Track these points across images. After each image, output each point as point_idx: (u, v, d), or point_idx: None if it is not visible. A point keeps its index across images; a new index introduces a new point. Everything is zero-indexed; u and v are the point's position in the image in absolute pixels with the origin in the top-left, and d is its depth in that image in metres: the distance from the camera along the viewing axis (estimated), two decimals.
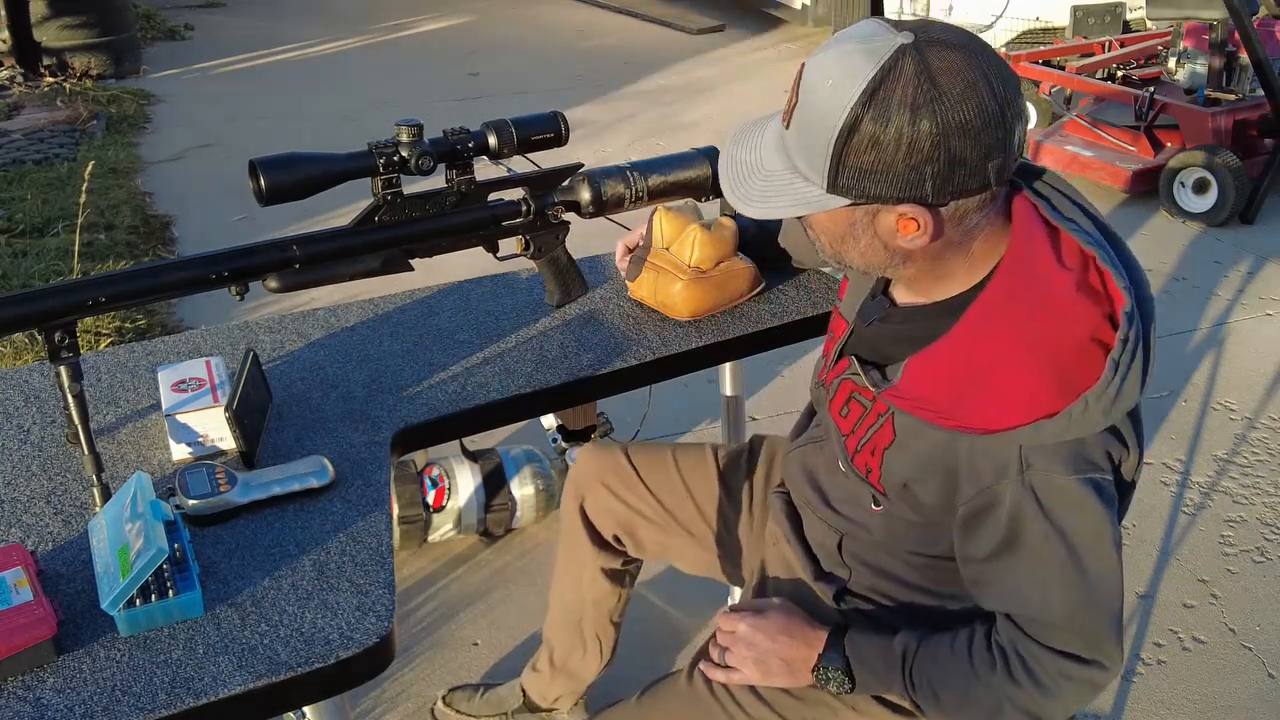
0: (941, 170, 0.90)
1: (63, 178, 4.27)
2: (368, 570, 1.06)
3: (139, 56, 6.21)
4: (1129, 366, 0.94)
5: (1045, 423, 0.94)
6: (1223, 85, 4.24)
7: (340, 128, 5.19)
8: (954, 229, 0.96)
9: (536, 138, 1.31)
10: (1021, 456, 0.96)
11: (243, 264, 1.18)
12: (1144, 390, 0.97)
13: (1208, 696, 1.96)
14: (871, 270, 1.04)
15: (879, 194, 0.92)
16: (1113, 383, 0.93)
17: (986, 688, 1.04)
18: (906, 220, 0.94)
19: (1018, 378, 0.95)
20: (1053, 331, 0.95)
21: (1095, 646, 1.01)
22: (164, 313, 3.26)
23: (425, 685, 1.94)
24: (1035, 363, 0.95)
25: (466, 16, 7.82)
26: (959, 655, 1.06)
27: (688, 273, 1.52)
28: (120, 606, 0.97)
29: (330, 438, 1.27)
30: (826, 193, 0.94)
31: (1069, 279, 0.96)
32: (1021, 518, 0.98)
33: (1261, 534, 2.38)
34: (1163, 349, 3.20)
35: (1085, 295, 0.95)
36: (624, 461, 1.52)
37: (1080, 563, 0.98)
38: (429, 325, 1.54)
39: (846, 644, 1.12)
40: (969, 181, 0.91)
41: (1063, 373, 0.94)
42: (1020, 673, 1.02)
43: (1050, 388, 0.94)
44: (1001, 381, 0.96)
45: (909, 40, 0.89)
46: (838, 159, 0.92)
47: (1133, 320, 0.94)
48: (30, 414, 1.33)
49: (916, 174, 0.90)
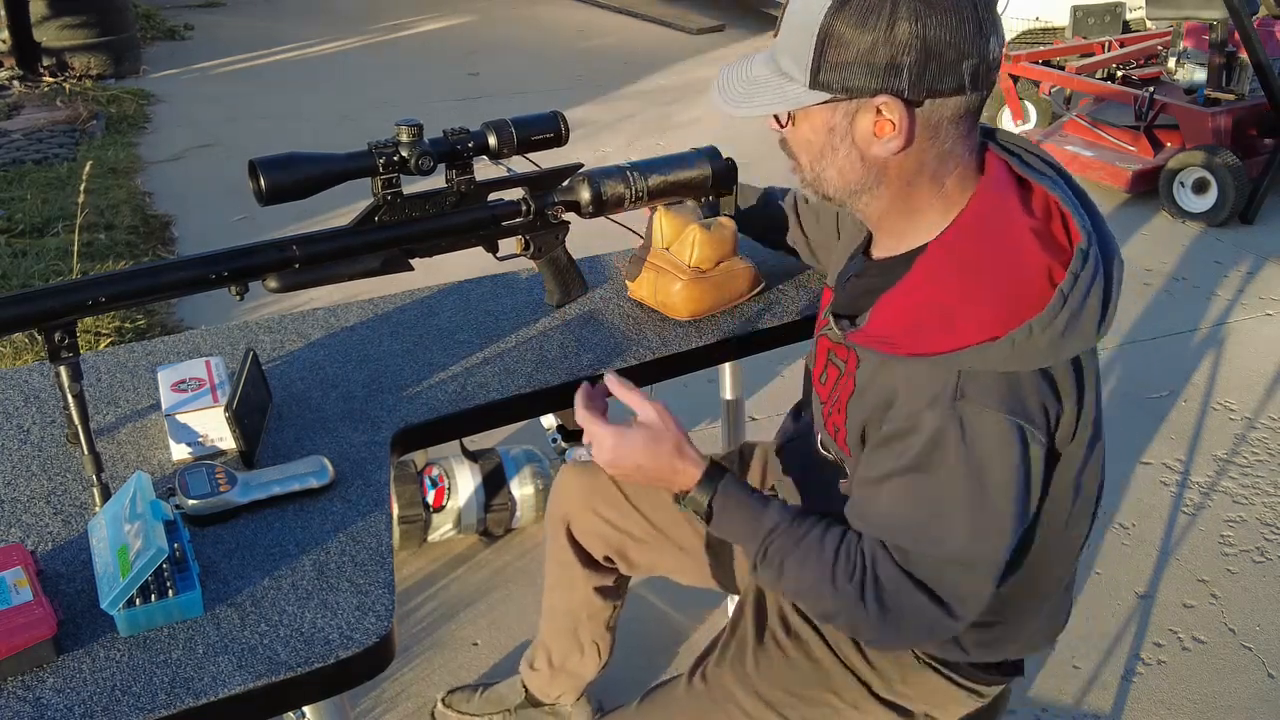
0: (917, 62, 0.92)
1: (62, 178, 4.27)
2: (368, 570, 1.06)
3: (139, 56, 6.21)
4: (1081, 303, 0.95)
5: (990, 346, 0.94)
6: (1222, 85, 4.24)
7: (340, 128, 5.19)
8: (925, 139, 0.98)
9: (536, 138, 1.30)
10: (958, 385, 0.96)
11: (242, 264, 1.18)
12: (1101, 332, 0.97)
13: (1208, 696, 1.96)
14: (850, 195, 1.04)
15: (858, 86, 0.95)
16: (1060, 314, 0.94)
17: (834, 593, 1.04)
18: (883, 121, 0.96)
19: (969, 305, 0.96)
20: (1009, 267, 0.97)
21: (958, 595, 1.00)
22: (164, 313, 3.26)
23: (425, 685, 1.94)
24: (987, 292, 0.96)
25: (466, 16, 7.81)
26: (824, 555, 1.05)
27: (687, 273, 1.52)
28: (120, 606, 0.97)
29: (330, 438, 1.27)
30: (808, 88, 0.97)
31: (1032, 224, 0.98)
32: (940, 446, 0.97)
33: (1261, 534, 2.38)
34: (1163, 349, 3.20)
35: (1045, 240, 0.97)
36: (608, 482, 1.51)
37: (982, 505, 0.97)
38: (429, 325, 1.54)
39: (716, 499, 1.10)
40: (943, 78, 0.93)
41: (1014, 303, 0.95)
42: (871, 594, 1.01)
43: (999, 314, 0.95)
44: (954, 310, 0.97)
45: None
46: (820, 50, 0.95)
47: (1087, 258, 0.96)
48: (30, 414, 1.33)
49: (893, 65, 0.92)
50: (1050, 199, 1.00)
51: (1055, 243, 0.97)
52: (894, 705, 1.19)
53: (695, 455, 1.12)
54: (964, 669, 1.18)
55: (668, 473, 1.11)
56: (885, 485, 1.01)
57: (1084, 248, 0.96)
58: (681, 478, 1.11)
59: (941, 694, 1.19)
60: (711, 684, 1.25)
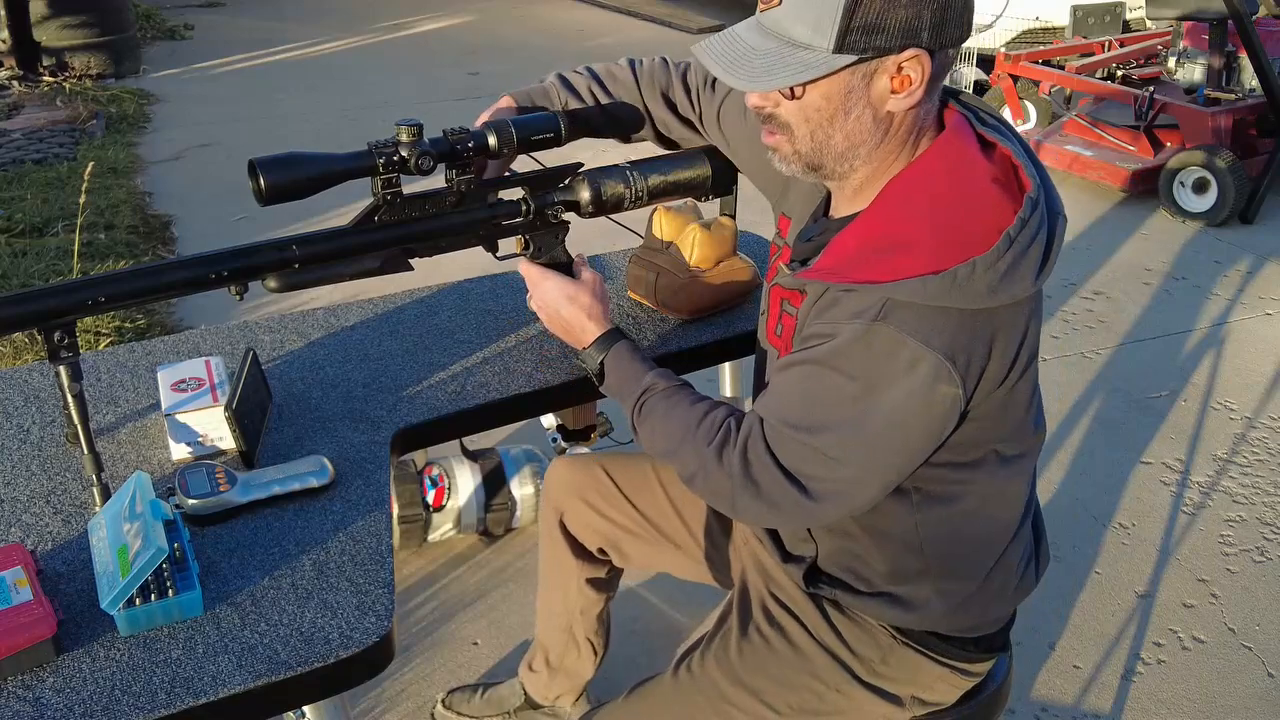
0: (938, 11, 0.95)
1: (62, 177, 4.27)
2: (367, 570, 1.06)
3: (139, 56, 6.21)
4: (1025, 249, 0.96)
5: (931, 278, 0.95)
6: (1222, 85, 4.24)
7: (340, 128, 5.19)
8: (930, 92, 1.00)
9: (536, 137, 1.30)
10: (883, 308, 0.97)
11: (243, 264, 1.18)
12: (1038, 280, 0.98)
13: (1208, 696, 1.96)
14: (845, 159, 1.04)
15: (884, 45, 0.96)
16: (1004, 257, 0.95)
17: (694, 453, 1.10)
18: (902, 77, 0.98)
19: (916, 239, 0.98)
20: (963, 208, 0.98)
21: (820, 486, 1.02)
22: (164, 313, 3.26)
23: (425, 685, 1.94)
24: (937, 228, 0.98)
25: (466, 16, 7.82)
26: (690, 415, 1.13)
27: (687, 272, 1.52)
28: (120, 606, 0.97)
29: (330, 437, 1.27)
30: (832, 54, 0.96)
31: (988, 170, 1.00)
32: (846, 352, 0.98)
33: (1261, 534, 2.38)
34: (1163, 349, 3.20)
35: (999, 187, 0.99)
36: (602, 476, 1.51)
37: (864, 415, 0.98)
38: (429, 325, 1.54)
39: (609, 358, 1.24)
40: (953, 29, 0.97)
41: (962, 241, 0.96)
42: (735, 461, 1.06)
43: (946, 250, 0.96)
44: (901, 242, 0.98)
45: None
46: (850, 13, 0.94)
47: (1036, 205, 0.97)
48: (30, 414, 1.33)
49: (918, 18, 0.94)
50: (1005, 152, 1.02)
51: (1008, 193, 0.99)
52: (879, 690, 1.19)
53: (601, 319, 1.27)
54: (941, 645, 1.18)
55: (576, 329, 1.27)
56: (784, 372, 1.05)
57: (1033, 197, 0.98)
58: (585, 335, 1.27)
59: (925, 673, 1.19)
60: (696, 675, 1.25)
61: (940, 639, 1.18)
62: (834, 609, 1.19)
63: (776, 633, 1.22)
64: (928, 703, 1.22)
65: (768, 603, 1.25)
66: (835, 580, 1.18)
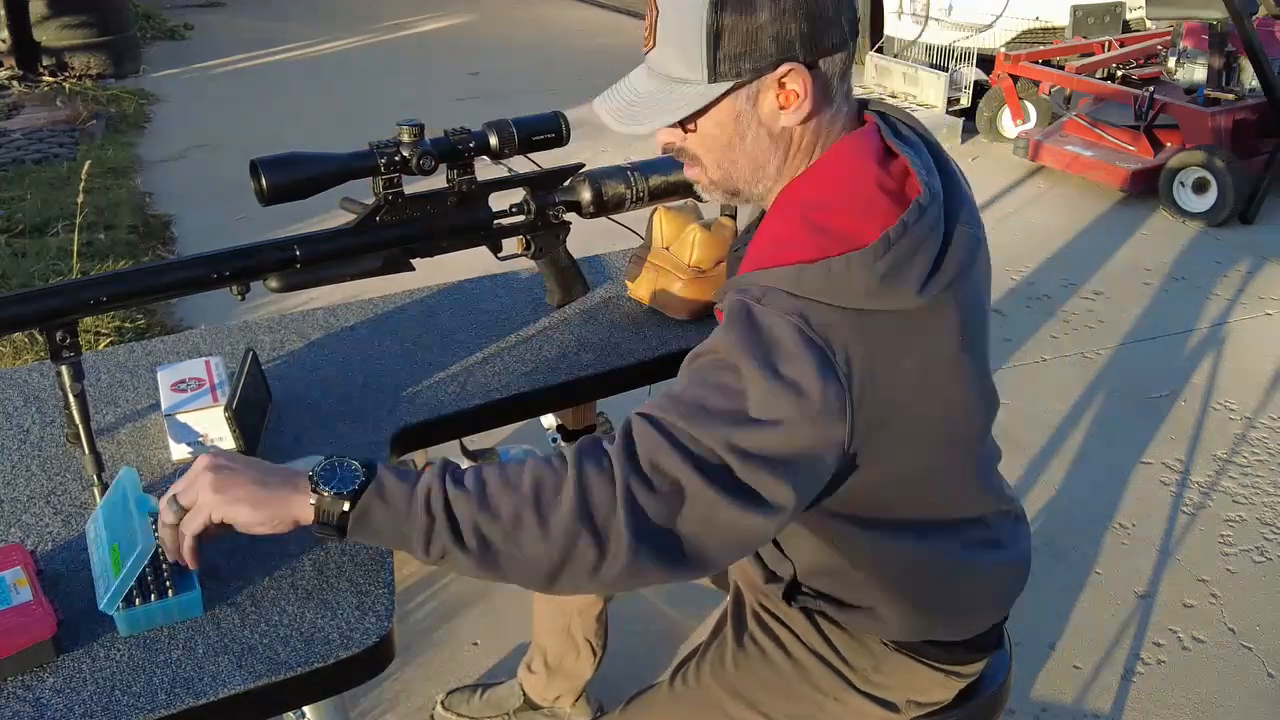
0: (806, 22, 0.94)
1: (62, 177, 4.27)
2: (367, 570, 1.06)
3: (138, 56, 6.21)
4: (909, 254, 0.92)
5: (807, 267, 0.92)
6: (1222, 85, 4.24)
7: (340, 128, 5.19)
8: (824, 101, 0.98)
9: (538, 138, 1.30)
10: (761, 290, 0.94)
11: (244, 264, 1.18)
12: (924, 290, 0.93)
13: (1208, 696, 1.96)
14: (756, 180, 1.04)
15: (756, 65, 0.95)
16: (883, 258, 0.91)
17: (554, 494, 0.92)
18: (786, 92, 0.97)
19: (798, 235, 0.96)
20: (846, 210, 0.96)
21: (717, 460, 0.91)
22: (164, 313, 3.26)
23: (425, 685, 1.94)
24: (817, 226, 0.96)
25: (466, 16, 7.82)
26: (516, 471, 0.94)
27: (687, 272, 1.52)
28: (119, 606, 0.97)
29: (330, 438, 1.27)
30: (708, 84, 0.97)
31: (880, 178, 0.97)
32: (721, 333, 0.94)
33: (1261, 534, 2.38)
34: (1163, 349, 3.20)
35: (888, 195, 0.96)
36: None
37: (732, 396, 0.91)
38: (429, 325, 1.54)
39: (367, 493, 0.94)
40: (830, 34, 0.95)
41: (841, 239, 0.94)
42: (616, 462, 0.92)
43: (823, 245, 0.94)
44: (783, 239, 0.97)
45: None
46: (714, 41, 0.95)
47: (924, 213, 0.94)
48: (30, 414, 1.33)
49: (785, 33, 0.94)
50: (903, 162, 0.99)
51: (902, 201, 0.96)
52: (875, 698, 1.19)
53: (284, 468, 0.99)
54: (930, 650, 1.18)
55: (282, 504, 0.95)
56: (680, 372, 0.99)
57: (922, 203, 0.94)
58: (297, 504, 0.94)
59: (919, 679, 1.19)
60: (692, 686, 1.25)
61: (929, 644, 1.18)
62: (824, 619, 1.19)
63: (772, 643, 1.22)
64: (925, 704, 1.22)
65: (761, 614, 1.24)
66: (817, 594, 1.17)
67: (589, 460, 0.93)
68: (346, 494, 0.93)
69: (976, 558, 1.14)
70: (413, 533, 0.92)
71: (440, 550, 0.93)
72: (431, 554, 0.93)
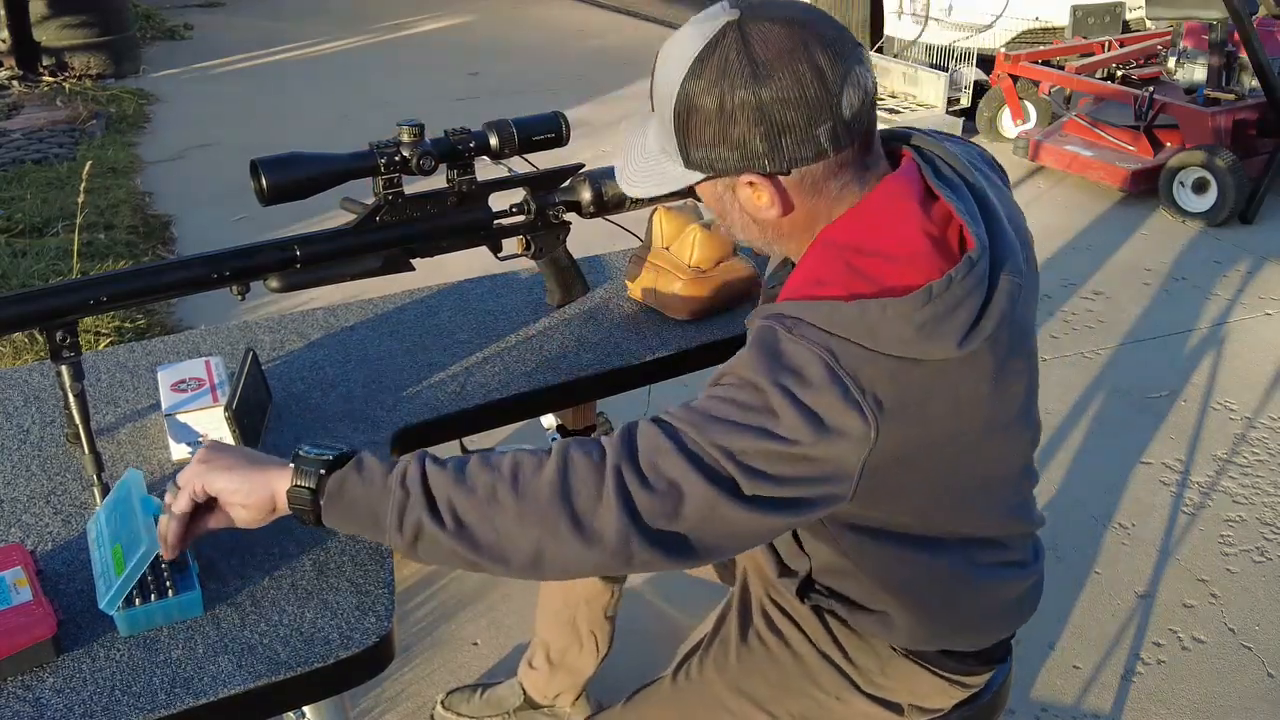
0: (768, 137, 0.92)
1: (62, 177, 4.27)
2: (367, 570, 1.06)
3: (138, 56, 6.21)
4: (950, 308, 0.90)
5: (841, 305, 0.90)
6: (1222, 85, 4.24)
7: (340, 128, 5.19)
8: (807, 198, 0.97)
9: (538, 138, 1.30)
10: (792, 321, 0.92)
11: (244, 264, 1.18)
12: (964, 343, 0.90)
13: (1207, 696, 1.96)
14: (758, 249, 1.05)
15: (723, 166, 0.95)
16: (921, 309, 0.89)
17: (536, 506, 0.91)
18: (757, 191, 0.96)
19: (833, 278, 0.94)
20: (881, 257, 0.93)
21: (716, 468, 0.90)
22: (164, 313, 3.26)
23: (425, 685, 1.94)
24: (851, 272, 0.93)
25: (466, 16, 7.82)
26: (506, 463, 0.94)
27: (687, 272, 1.52)
28: (119, 606, 0.97)
29: (330, 438, 1.27)
30: (685, 169, 0.98)
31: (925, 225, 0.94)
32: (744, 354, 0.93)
33: (1261, 534, 2.38)
34: (1162, 349, 3.20)
35: (932, 241, 0.94)
36: None
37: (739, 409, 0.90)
38: (429, 325, 1.54)
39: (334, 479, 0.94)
40: (801, 149, 0.92)
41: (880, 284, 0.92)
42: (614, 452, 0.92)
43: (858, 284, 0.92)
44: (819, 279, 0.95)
45: (734, 17, 0.92)
46: (683, 135, 0.95)
47: (973, 266, 0.91)
48: (30, 414, 1.33)
49: (746, 144, 0.92)
50: (946, 208, 0.96)
51: (947, 248, 0.94)
52: (879, 699, 1.19)
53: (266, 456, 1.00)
54: (937, 658, 1.18)
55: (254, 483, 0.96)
56: None
57: (973, 257, 0.92)
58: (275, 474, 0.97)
59: (924, 685, 1.19)
60: (695, 681, 1.25)
61: (938, 652, 1.18)
62: (833, 619, 1.19)
63: (777, 639, 1.22)
64: (926, 710, 1.22)
65: (768, 609, 1.24)
66: (831, 592, 1.17)
67: (576, 449, 0.93)
68: (325, 460, 0.95)
69: (996, 576, 1.14)
70: (386, 509, 0.92)
71: (414, 527, 0.91)
72: (405, 531, 0.92)
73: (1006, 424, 1.03)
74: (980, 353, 0.93)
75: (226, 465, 0.97)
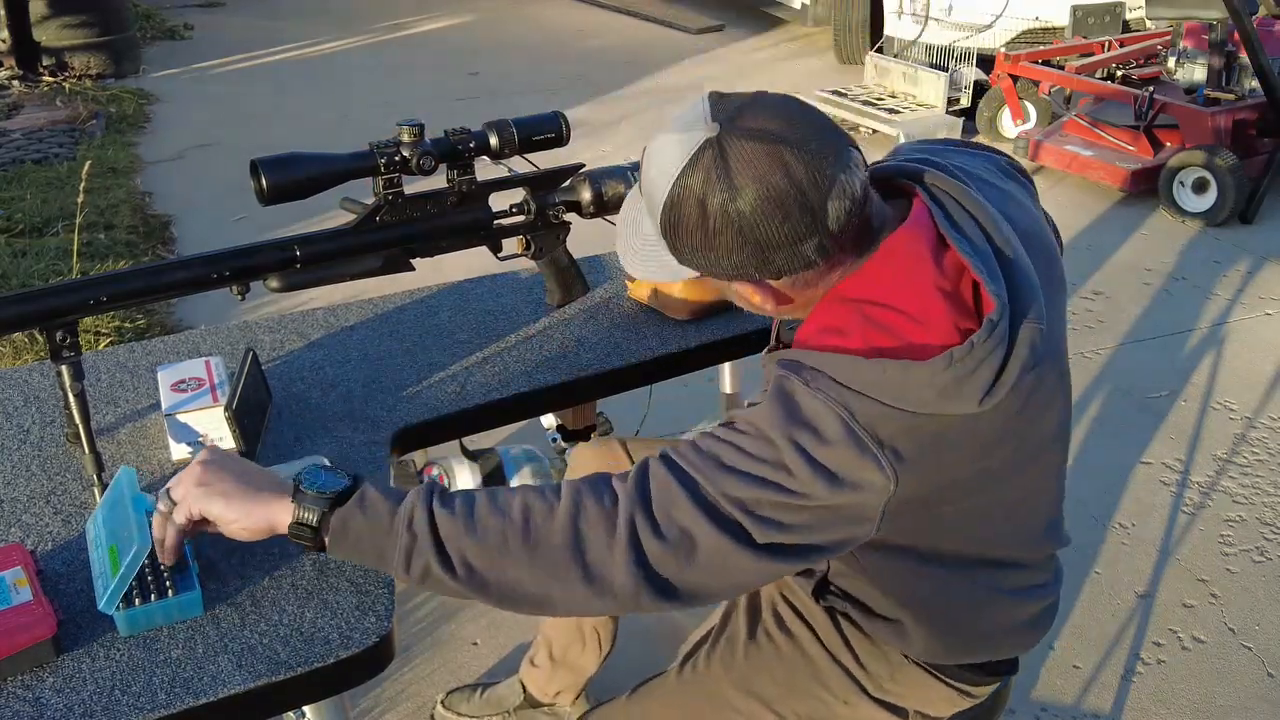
0: (753, 254, 0.92)
1: (62, 177, 4.27)
2: (367, 570, 1.06)
3: (138, 56, 6.21)
4: (970, 370, 0.89)
5: (862, 361, 0.89)
6: (1222, 85, 4.24)
7: (340, 128, 5.19)
8: (803, 290, 0.97)
9: (537, 138, 1.31)
10: (806, 369, 0.91)
11: (244, 264, 1.18)
12: (984, 401, 0.90)
13: (1207, 696, 1.96)
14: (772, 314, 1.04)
15: (713, 271, 0.96)
16: (942, 374, 0.88)
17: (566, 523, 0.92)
18: (750, 291, 0.97)
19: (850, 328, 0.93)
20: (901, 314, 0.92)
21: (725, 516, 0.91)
22: (163, 313, 3.26)
23: (425, 685, 1.94)
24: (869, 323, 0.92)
25: (466, 16, 7.81)
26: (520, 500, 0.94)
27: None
28: (119, 606, 0.97)
29: (330, 438, 1.27)
30: (679, 265, 0.98)
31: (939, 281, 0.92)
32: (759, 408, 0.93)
33: (1261, 534, 2.38)
34: (1162, 349, 3.20)
35: (945, 298, 0.92)
36: (621, 454, 1.51)
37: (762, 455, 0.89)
38: (429, 325, 1.54)
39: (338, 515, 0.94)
40: (790, 262, 0.92)
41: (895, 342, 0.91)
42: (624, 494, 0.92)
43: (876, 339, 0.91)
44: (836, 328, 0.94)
45: (714, 133, 0.91)
46: (672, 239, 0.95)
47: (994, 329, 0.90)
48: (30, 414, 1.33)
49: (731, 258, 0.92)
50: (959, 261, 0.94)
51: (961, 303, 0.92)
52: (886, 704, 1.19)
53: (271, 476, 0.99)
54: (949, 669, 1.18)
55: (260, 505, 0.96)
56: None
57: (993, 320, 0.90)
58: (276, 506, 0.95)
59: (932, 693, 1.19)
60: (701, 675, 1.25)
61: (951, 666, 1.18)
62: (847, 622, 1.18)
63: (787, 638, 1.22)
64: (930, 717, 1.22)
65: (779, 607, 1.24)
66: (846, 595, 1.17)
67: (589, 496, 0.93)
68: (327, 498, 0.94)
69: (1017, 598, 1.14)
70: (393, 549, 0.92)
71: (422, 570, 0.92)
72: (413, 573, 0.92)
73: (1038, 450, 1.03)
74: (1004, 402, 0.92)
75: (223, 492, 0.96)
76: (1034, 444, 1.01)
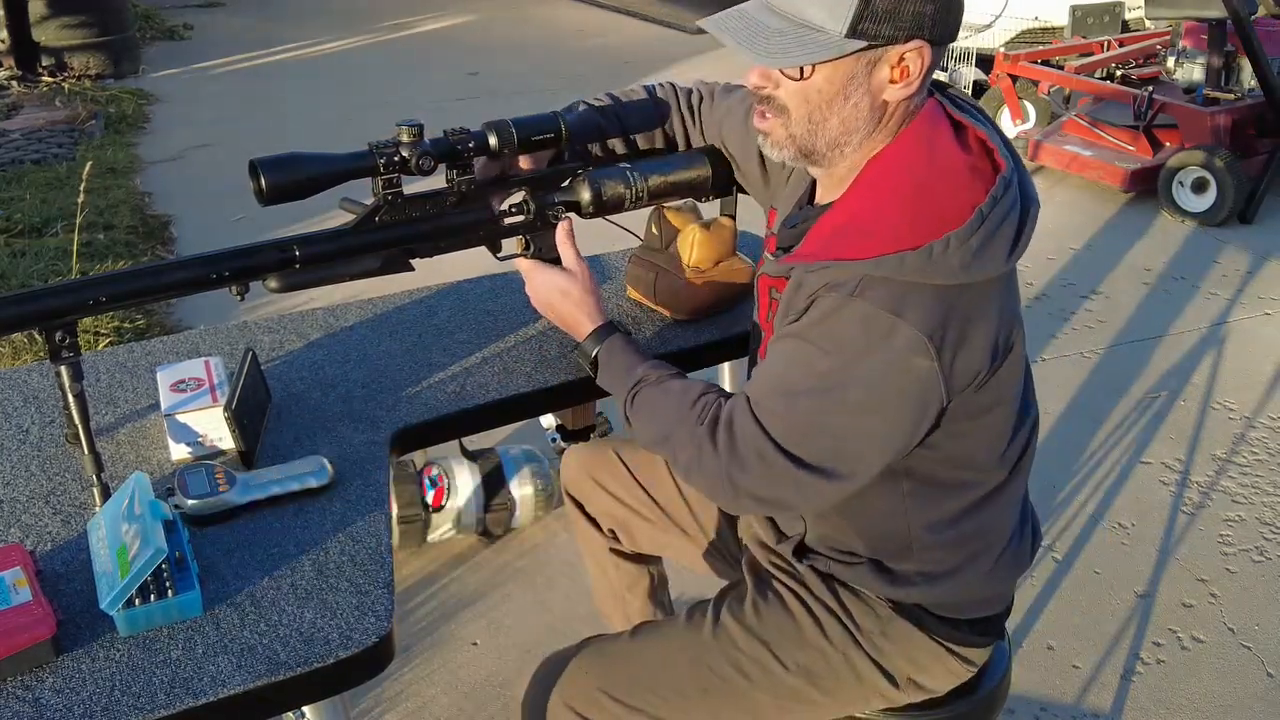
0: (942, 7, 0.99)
1: (61, 178, 4.27)
2: (367, 570, 1.06)
3: (138, 56, 6.21)
4: (997, 226, 0.99)
5: (908, 255, 0.97)
6: (1221, 85, 4.24)
7: (340, 128, 5.19)
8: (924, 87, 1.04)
9: (537, 138, 1.30)
10: (859, 284, 0.99)
11: (243, 264, 1.18)
12: (1010, 258, 1.01)
13: (1207, 696, 1.96)
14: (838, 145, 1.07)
15: (892, 34, 0.99)
16: (976, 233, 0.98)
17: (689, 434, 1.11)
18: (903, 67, 1.01)
19: (890, 218, 1.01)
20: (935, 189, 1.01)
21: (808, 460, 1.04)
22: (163, 313, 3.26)
23: (425, 685, 1.95)
24: (909, 208, 1.01)
25: (466, 16, 7.82)
26: (685, 398, 1.14)
27: (687, 272, 1.52)
28: (119, 606, 0.97)
29: (329, 438, 1.27)
30: (844, 38, 0.99)
31: (964, 155, 1.03)
32: (823, 323, 1.01)
33: (1260, 533, 2.38)
34: (1162, 349, 3.21)
35: (973, 173, 1.02)
36: (613, 457, 1.53)
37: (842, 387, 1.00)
38: (428, 325, 1.54)
39: (602, 351, 1.25)
40: (952, 22, 1.01)
41: (935, 220, 0.99)
42: (722, 438, 1.07)
43: (918, 228, 0.98)
44: (874, 222, 1.01)
45: None
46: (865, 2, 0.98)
47: (1009, 185, 1.01)
48: (30, 414, 1.33)
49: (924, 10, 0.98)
50: (979, 135, 1.05)
51: (982, 174, 1.02)
52: (879, 665, 1.20)
53: (594, 312, 1.28)
54: (935, 624, 1.19)
55: (570, 320, 1.29)
56: (769, 351, 1.09)
57: (1006, 177, 1.00)
58: (579, 329, 1.28)
59: (921, 651, 1.20)
60: (710, 620, 1.25)
61: (935, 618, 1.19)
62: (833, 581, 1.21)
63: (790, 594, 1.24)
64: (924, 687, 1.22)
65: (775, 573, 1.27)
66: (825, 554, 1.20)
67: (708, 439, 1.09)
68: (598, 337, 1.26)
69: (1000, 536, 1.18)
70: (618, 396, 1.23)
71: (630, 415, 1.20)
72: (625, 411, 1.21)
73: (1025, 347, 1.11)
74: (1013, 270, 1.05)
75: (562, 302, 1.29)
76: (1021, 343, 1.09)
